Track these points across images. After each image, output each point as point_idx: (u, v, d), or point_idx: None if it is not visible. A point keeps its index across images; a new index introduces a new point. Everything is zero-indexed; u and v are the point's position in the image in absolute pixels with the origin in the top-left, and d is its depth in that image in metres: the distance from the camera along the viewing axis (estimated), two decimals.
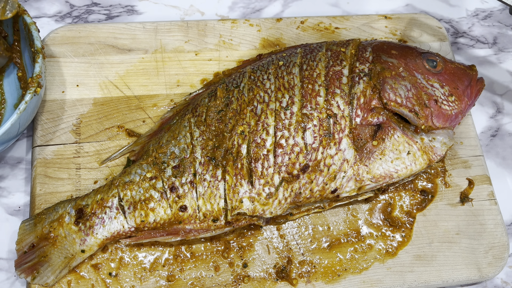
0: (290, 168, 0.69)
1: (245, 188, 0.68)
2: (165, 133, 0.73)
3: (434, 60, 0.75)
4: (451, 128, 0.75)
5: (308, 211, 0.74)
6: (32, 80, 0.68)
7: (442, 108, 0.73)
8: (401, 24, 0.93)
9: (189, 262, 0.71)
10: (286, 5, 0.99)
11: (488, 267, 0.75)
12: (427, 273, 0.74)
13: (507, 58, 0.98)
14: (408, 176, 0.74)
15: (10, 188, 0.77)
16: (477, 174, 0.81)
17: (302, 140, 0.69)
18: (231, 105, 0.71)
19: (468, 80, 0.75)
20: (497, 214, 0.79)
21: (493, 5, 1.04)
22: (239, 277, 0.70)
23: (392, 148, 0.71)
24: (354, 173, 0.70)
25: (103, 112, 0.79)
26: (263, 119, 0.70)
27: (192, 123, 0.71)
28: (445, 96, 0.73)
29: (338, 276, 0.72)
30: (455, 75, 0.75)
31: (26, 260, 0.66)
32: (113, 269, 0.69)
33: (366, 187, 0.71)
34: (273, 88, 0.72)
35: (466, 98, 0.75)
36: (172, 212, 0.68)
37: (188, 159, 0.69)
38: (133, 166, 0.71)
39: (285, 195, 0.69)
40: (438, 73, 0.74)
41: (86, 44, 0.83)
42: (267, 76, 0.74)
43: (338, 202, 0.74)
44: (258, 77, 0.74)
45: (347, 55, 0.75)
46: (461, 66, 0.77)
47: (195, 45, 0.86)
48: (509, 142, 0.90)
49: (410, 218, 0.77)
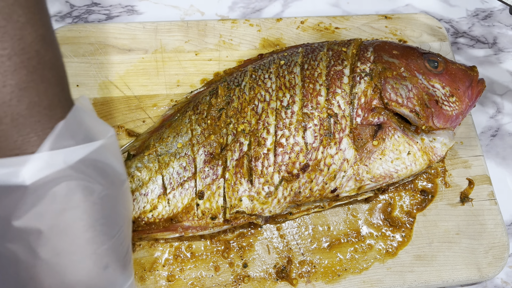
0: (290, 167, 0.69)
1: (245, 186, 0.68)
2: (166, 129, 0.73)
3: (435, 61, 0.75)
4: (452, 128, 0.75)
5: (308, 210, 0.74)
6: None
7: (443, 109, 0.73)
8: (401, 24, 0.93)
9: (189, 262, 0.71)
10: (286, 5, 0.99)
11: (488, 267, 0.75)
12: (427, 273, 0.74)
13: (507, 58, 0.98)
14: (408, 176, 0.74)
15: None
16: (477, 174, 0.81)
17: (303, 140, 0.69)
18: (232, 103, 0.72)
19: (469, 81, 0.76)
20: (497, 214, 0.79)
21: (493, 5, 1.04)
22: (239, 277, 0.70)
23: (392, 148, 0.71)
24: (354, 172, 0.70)
25: (103, 112, 0.79)
26: (264, 118, 0.70)
27: (193, 120, 0.71)
28: (446, 97, 0.73)
29: (338, 276, 0.72)
30: (456, 76, 0.75)
31: None
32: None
33: (366, 186, 0.71)
34: (274, 87, 0.72)
35: (467, 99, 0.75)
36: (171, 208, 0.68)
37: (188, 156, 0.69)
38: (133, 160, 0.71)
39: (284, 194, 0.69)
40: (439, 73, 0.74)
41: (86, 44, 0.83)
42: (268, 75, 0.74)
43: (338, 201, 0.74)
44: (260, 76, 0.74)
45: (348, 54, 0.75)
46: (462, 67, 0.77)
47: (195, 45, 0.86)
48: (509, 142, 0.90)
49: (410, 218, 0.77)
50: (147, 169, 0.69)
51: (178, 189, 0.68)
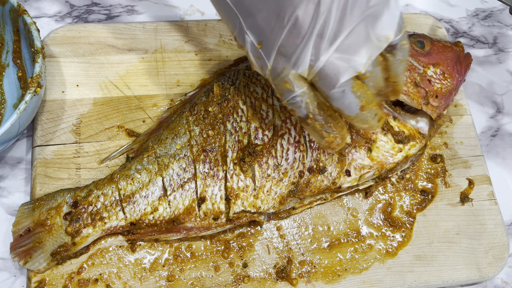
0: (292, 163, 0.69)
1: (246, 185, 0.68)
2: (164, 131, 0.73)
3: (422, 41, 0.76)
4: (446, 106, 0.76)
5: (310, 203, 0.74)
6: (32, 80, 0.68)
7: (436, 87, 0.74)
8: None
9: (189, 262, 0.71)
10: None
11: (488, 267, 0.75)
12: (427, 273, 0.74)
13: (507, 58, 0.98)
14: (405, 161, 0.74)
15: (10, 188, 0.76)
16: (477, 174, 0.81)
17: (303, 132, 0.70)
18: (228, 102, 0.72)
19: (457, 57, 0.77)
20: (497, 214, 0.79)
21: (493, 5, 1.04)
22: (239, 277, 0.70)
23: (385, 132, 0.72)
24: (353, 162, 0.71)
25: (103, 112, 0.79)
26: (262, 115, 0.70)
27: (191, 121, 0.71)
28: (437, 75, 0.74)
29: (338, 276, 0.72)
30: (444, 54, 0.76)
31: (21, 244, 0.66)
32: (113, 269, 0.69)
33: (366, 175, 0.72)
34: (268, 84, 0.72)
35: (457, 74, 0.76)
36: (172, 210, 0.68)
37: (188, 157, 0.69)
38: (133, 162, 0.71)
39: (287, 190, 0.69)
40: (427, 53, 0.75)
41: (86, 44, 0.83)
42: None
43: (340, 192, 0.74)
44: (253, 73, 0.74)
45: None
46: (447, 44, 0.78)
47: (195, 45, 0.86)
48: (509, 142, 0.90)
49: (410, 218, 0.77)
50: (147, 171, 0.69)
51: (179, 191, 0.68)
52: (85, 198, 0.67)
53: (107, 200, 0.67)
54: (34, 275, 0.67)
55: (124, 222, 0.67)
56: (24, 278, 0.71)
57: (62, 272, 0.68)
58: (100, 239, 0.70)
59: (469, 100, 0.93)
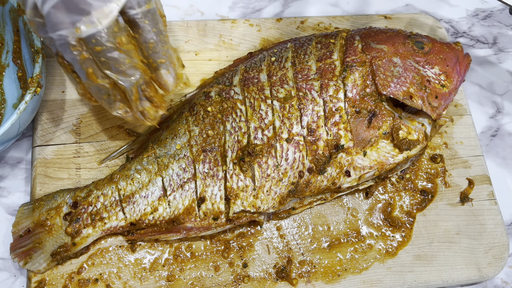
0: (291, 163, 0.69)
1: (246, 185, 0.68)
2: (164, 131, 0.73)
3: (421, 42, 0.76)
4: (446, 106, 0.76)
5: (310, 204, 0.74)
6: (32, 80, 0.68)
7: (436, 88, 0.74)
8: (401, 24, 0.93)
9: (189, 262, 0.71)
10: (286, 5, 0.99)
11: (488, 267, 0.75)
12: (427, 273, 0.74)
13: (507, 58, 0.98)
14: (405, 161, 0.74)
15: (10, 188, 0.77)
16: (477, 174, 0.81)
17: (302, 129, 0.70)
18: (227, 102, 0.72)
19: (456, 57, 0.77)
20: (497, 214, 0.79)
21: (493, 5, 1.04)
22: (239, 277, 0.70)
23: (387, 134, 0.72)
24: (353, 162, 0.71)
25: (103, 112, 0.79)
26: (261, 115, 0.70)
27: (190, 122, 0.71)
28: (437, 76, 0.74)
29: (338, 276, 0.72)
30: (443, 54, 0.76)
31: (21, 245, 0.66)
32: (113, 269, 0.69)
33: (366, 175, 0.72)
34: (267, 84, 0.72)
35: (456, 74, 0.76)
36: (172, 210, 0.68)
37: (187, 157, 0.69)
38: (132, 162, 0.71)
39: (287, 190, 0.69)
40: (427, 53, 0.75)
41: None
42: (260, 73, 0.74)
43: (340, 192, 0.74)
44: (252, 74, 0.74)
45: (336, 46, 0.75)
46: (446, 44, 0.78)
47: (195, 45, 0.86)
48: (509, 142, 0.90)
49: (410, 218, 0.77)
50: (147, 171, 0.69)
51: (179, 191, 0.68)
52: (85, 199, 0.67)
53: (107, 200, 0.67)
54: (34, 275, 0.67)
55: (124, 222, 0.67)
56: (24, 278, 0.71)
57: (62, 272, 0.68)
58: (100, 239, 0.70)
59: (469, 100, 0.93)
